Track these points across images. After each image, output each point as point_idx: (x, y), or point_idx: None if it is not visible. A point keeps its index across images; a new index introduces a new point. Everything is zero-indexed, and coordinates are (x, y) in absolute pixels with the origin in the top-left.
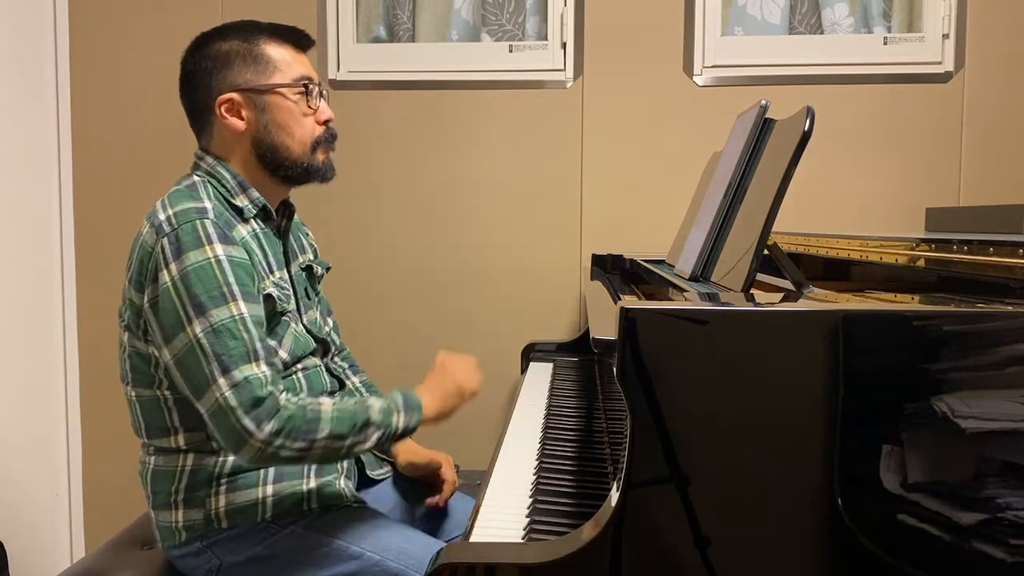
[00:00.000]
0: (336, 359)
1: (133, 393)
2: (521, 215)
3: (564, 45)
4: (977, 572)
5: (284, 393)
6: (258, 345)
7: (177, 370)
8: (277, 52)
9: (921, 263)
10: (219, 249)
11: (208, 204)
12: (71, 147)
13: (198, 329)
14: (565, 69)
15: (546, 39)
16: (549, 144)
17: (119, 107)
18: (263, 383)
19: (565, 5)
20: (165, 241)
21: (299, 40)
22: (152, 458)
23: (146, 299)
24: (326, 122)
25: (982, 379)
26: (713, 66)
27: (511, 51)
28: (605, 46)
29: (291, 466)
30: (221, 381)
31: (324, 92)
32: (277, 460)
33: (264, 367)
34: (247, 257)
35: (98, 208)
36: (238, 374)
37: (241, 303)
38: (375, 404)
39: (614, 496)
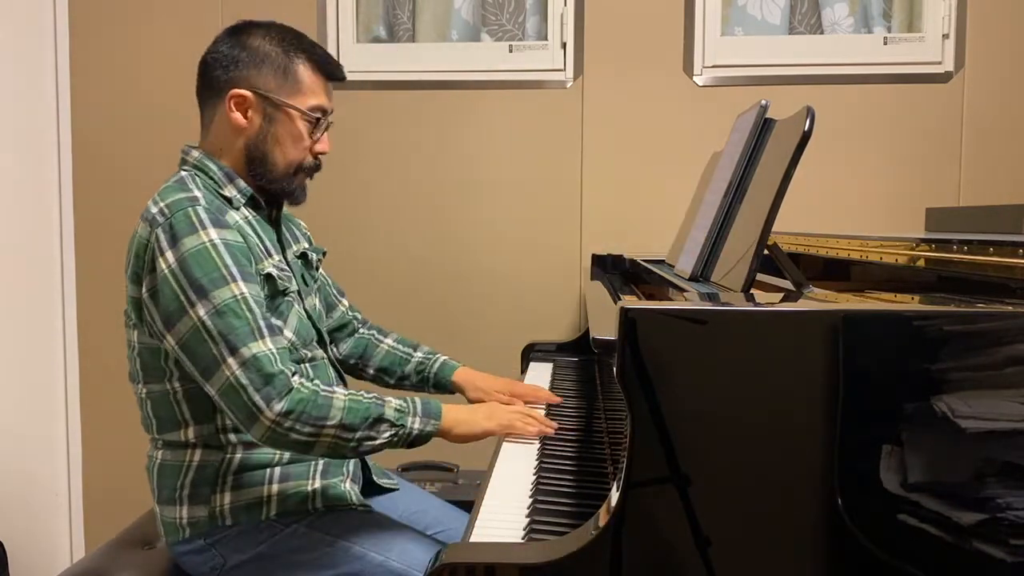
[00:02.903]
0: (362, 330)
1: (144, 390)
2: (521, 215)
3: (564, 45)
4: (977, 572)
5: (296, 375)
6: (262, 323)
7: (184, 354)
8: (308, 76)
9: (921, 263)
10: (213, 233)
11: (198, 193)
12: (71, 147)
13: (202, 311)
14: (565, 69)
15: (546, 39)
16: (549, 144)
17: (119, 106)
18: (272, 360)
19: (565, 5)
20: (159, 231)
21: (333, 72)
22: (160, 452)
23: (144, 290)
24: (319, 154)
25: (982, 379)
26: (713, 66)
27: (511, 51)
28: (605, 46)
29: (302, 453)
30: (230, 360)
31: (330, 125)
32: (287, 442)
33: (271, 344)
34: (242, 240)
35: (98, 208)
36: (246, 352)
37: (241, 283)
38: (392, 402)
39: (614, 496)
